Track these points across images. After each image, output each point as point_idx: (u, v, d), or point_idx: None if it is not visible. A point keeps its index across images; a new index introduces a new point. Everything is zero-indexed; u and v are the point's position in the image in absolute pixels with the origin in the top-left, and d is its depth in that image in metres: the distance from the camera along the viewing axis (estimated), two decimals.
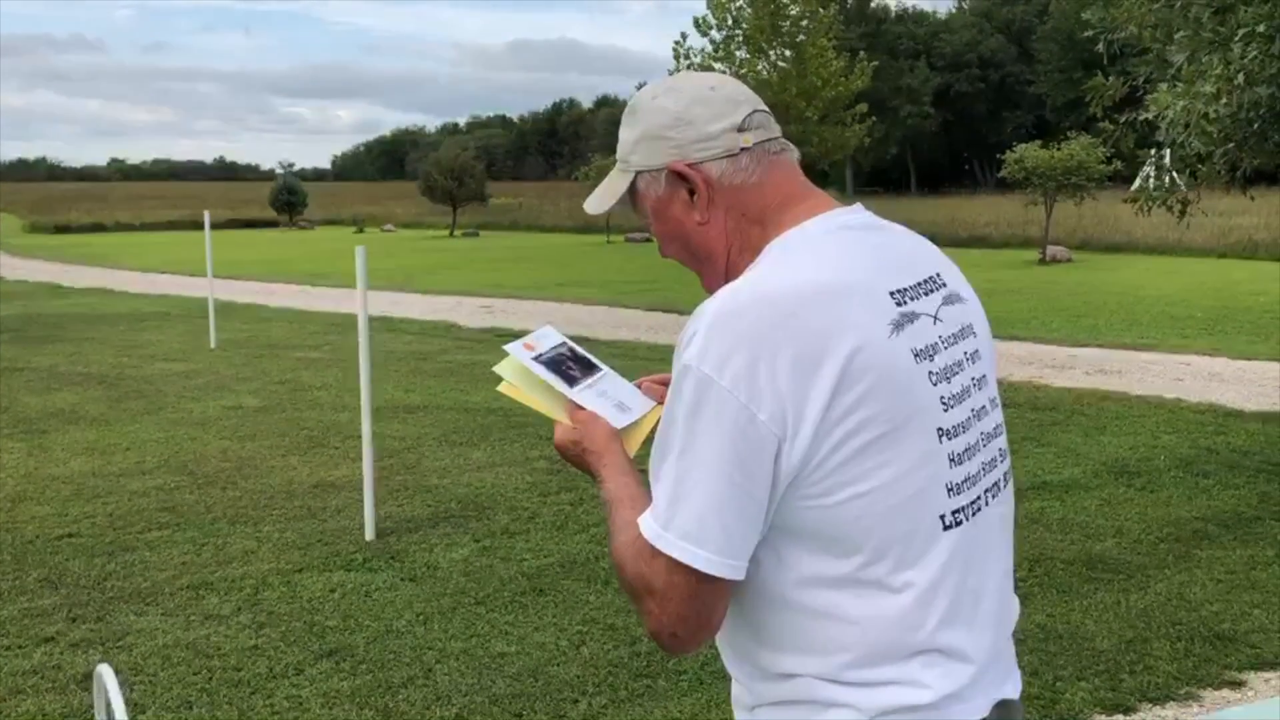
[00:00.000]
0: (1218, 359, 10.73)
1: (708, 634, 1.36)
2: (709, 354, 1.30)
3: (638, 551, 1.35)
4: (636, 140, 1.51)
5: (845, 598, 1.35)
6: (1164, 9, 5.40)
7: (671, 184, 1.48)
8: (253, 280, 21.65)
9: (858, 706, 1.36)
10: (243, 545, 5.50)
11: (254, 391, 9.66)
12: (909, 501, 1.34)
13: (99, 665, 1.42)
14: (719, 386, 1.28)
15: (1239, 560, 5.10)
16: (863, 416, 1.29)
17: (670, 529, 1.31)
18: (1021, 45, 70.99)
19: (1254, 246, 23.23)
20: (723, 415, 1.28)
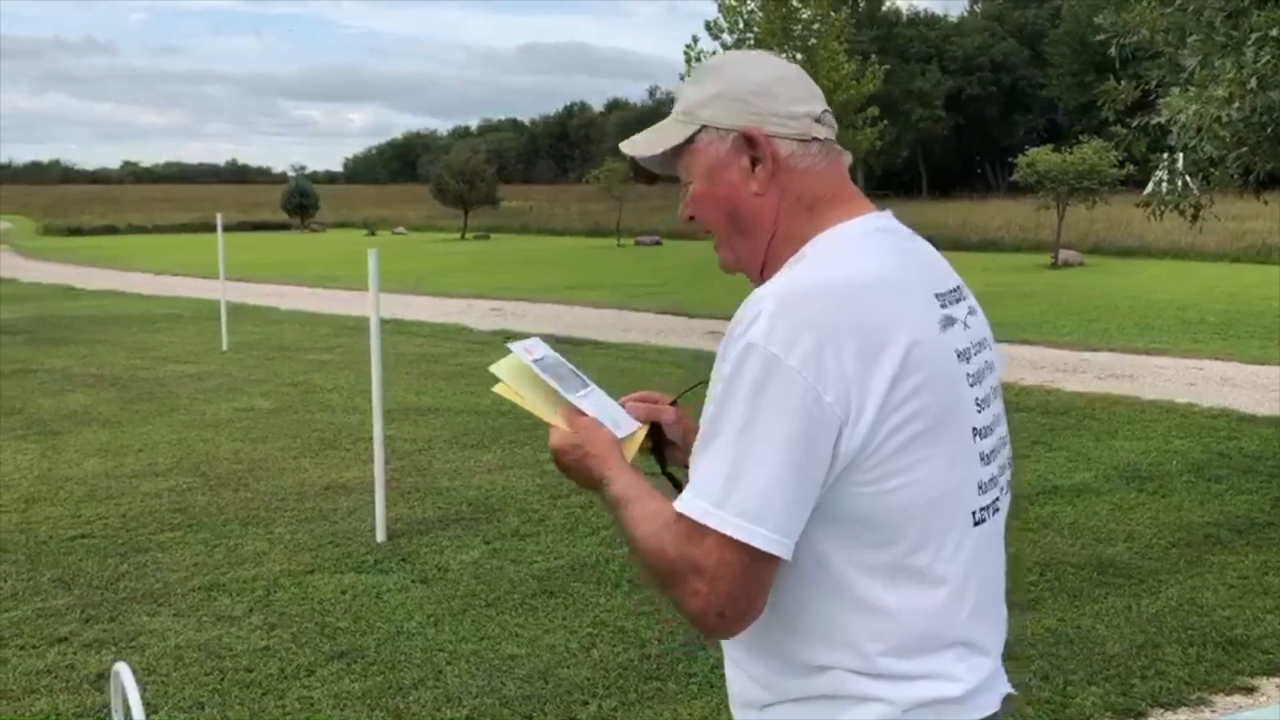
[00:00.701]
0: (1230, 363, 10.69)
1: (754, 615, 1.35)
2: (776, 334, 1.30)
3: (677, 535, 1.34)
4: (711, 97, 1.49)
5: (884, 588, 1.36)
6: (1177, 13, 5.39)
7: (737, 148, 1.47)
8: (265, 283, 21.73)
9: (890, 700, 1.37)
10: (254, 546, 5.52)
11: (266, 393, 9.70)
12: (947, 495, 1.37)
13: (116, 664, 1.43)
14: (787, 366, 1.29)
15: (1251, 565, 5.08)
16: (916, 407, 1.32)
17: (726, 507, 1.30)
18: (1034, 49, 70.80)
19: (1267, 251, 23.14)
20: (790, 394, 1.29)
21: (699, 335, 13.09)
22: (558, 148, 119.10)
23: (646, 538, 1.38)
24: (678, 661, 4.12)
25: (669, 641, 4.29)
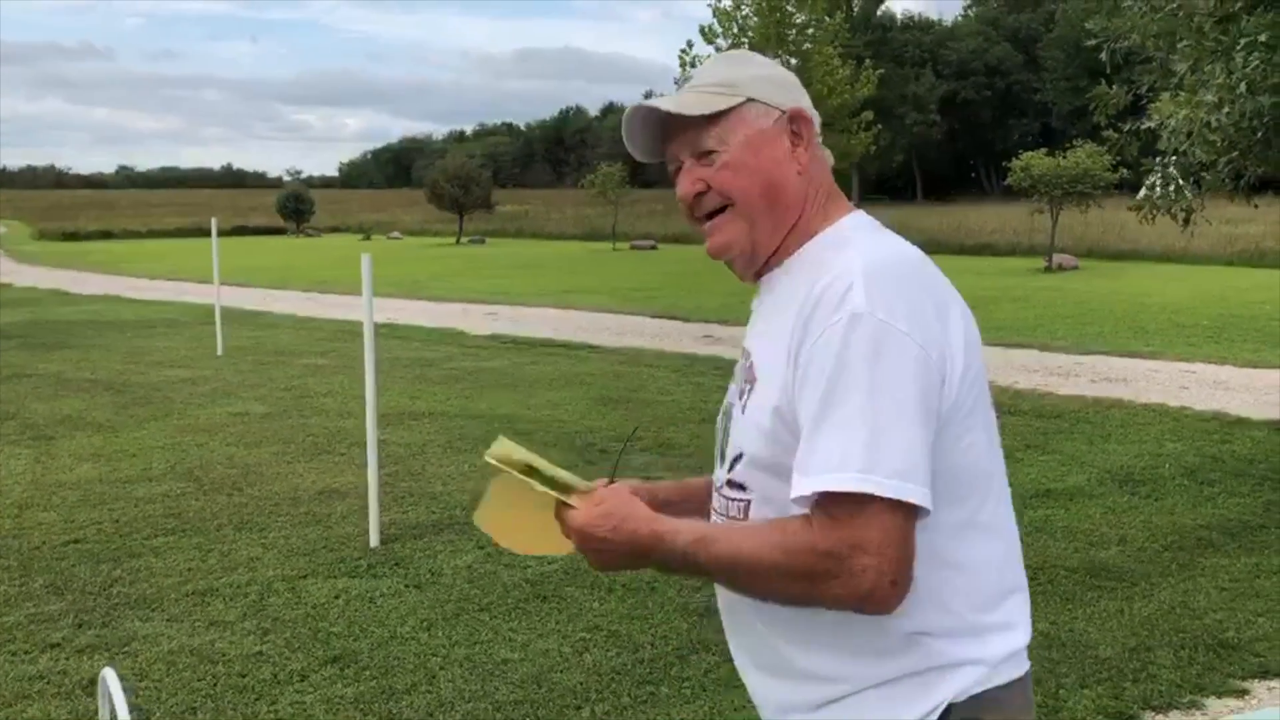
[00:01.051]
0: (1224, 367, 10.72)
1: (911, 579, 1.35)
2: (878, 301, 1.34)
3: (822, 522, 1.32)
4: (754, 77, 1.54)
5: (962, 543, 1.43)
6: (1167, 18, 5.41)
7: (781, 126, 1.52)
8: (260, 287, 21.72)
9: (982, 659, 1.43)
10: (248, 551, 5.51)
11: (260, 398, 9.69)
12: (994, 450, 1.48)
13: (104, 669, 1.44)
14: (896, 330, 1.34)
15: (1243, 569, 5.09)
16: (977, 367, 1.43)
17: (877, 470, 1.30)
18: (1028, 53, 70.99)
19: (1260, 254, 23.22)
20: (905, 356, 1.33)
21: (694, 339, 13.11)
22: (553, 152, 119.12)
23: (770, 553, 1.35)
24: (671, 666, 4.13)
25: (662, 646, 4.29)
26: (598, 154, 67.98)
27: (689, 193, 1.52)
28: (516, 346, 12.97)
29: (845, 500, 1.31)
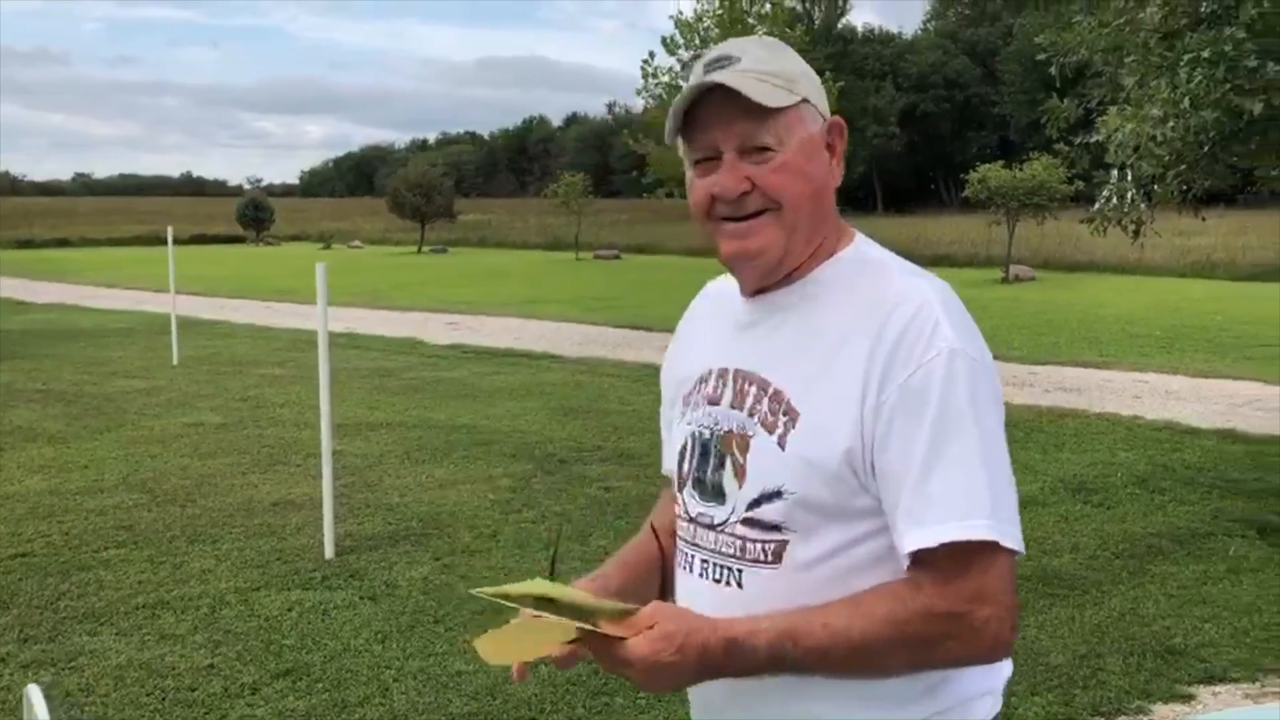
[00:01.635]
0: (1175, 377, 10.88)
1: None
2: (965, 336, 1.32)
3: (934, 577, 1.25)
4: (806, 75, 1.42)
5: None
6: (1115, 34, 5.51)
7: (823, 134, 1.43)
8: (218, 296, 21.49)
9: (995, 689, 1.43)
10: (201, 564, 5.45)
11: (216, 408, 9.59)
12: None
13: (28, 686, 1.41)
14: (984, 365, 1.32)
15: (1191, 575, 5.17)
16: None
17: (1000, 517, 1.26)
18: (986, 66, 71.82)
19: (1212, 266, 23.62)
20: (994, 391, 1.33)
21: (656, 349, 13.12)
22: (517, 161, 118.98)
23: (880, 629, 1.26)
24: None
25: None
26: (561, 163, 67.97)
27: (734, 190, 1.36)
28: (477, 356, 12.93)
29: (967, 550, 1.24)
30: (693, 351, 1.58)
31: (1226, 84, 4.65)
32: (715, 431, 1.44)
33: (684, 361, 1.60)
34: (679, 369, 1.61)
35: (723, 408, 1.45)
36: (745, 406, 1.42)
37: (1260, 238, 26.76)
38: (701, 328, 1.61)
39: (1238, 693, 3.99)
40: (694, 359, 1.56)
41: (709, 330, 1.57)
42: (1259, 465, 7.23)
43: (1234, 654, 4.29)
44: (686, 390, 1.55)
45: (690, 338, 1.63)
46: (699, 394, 1.51)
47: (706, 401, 1.49)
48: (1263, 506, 6.26)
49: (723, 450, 1.43)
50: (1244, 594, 4.92)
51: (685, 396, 1.55)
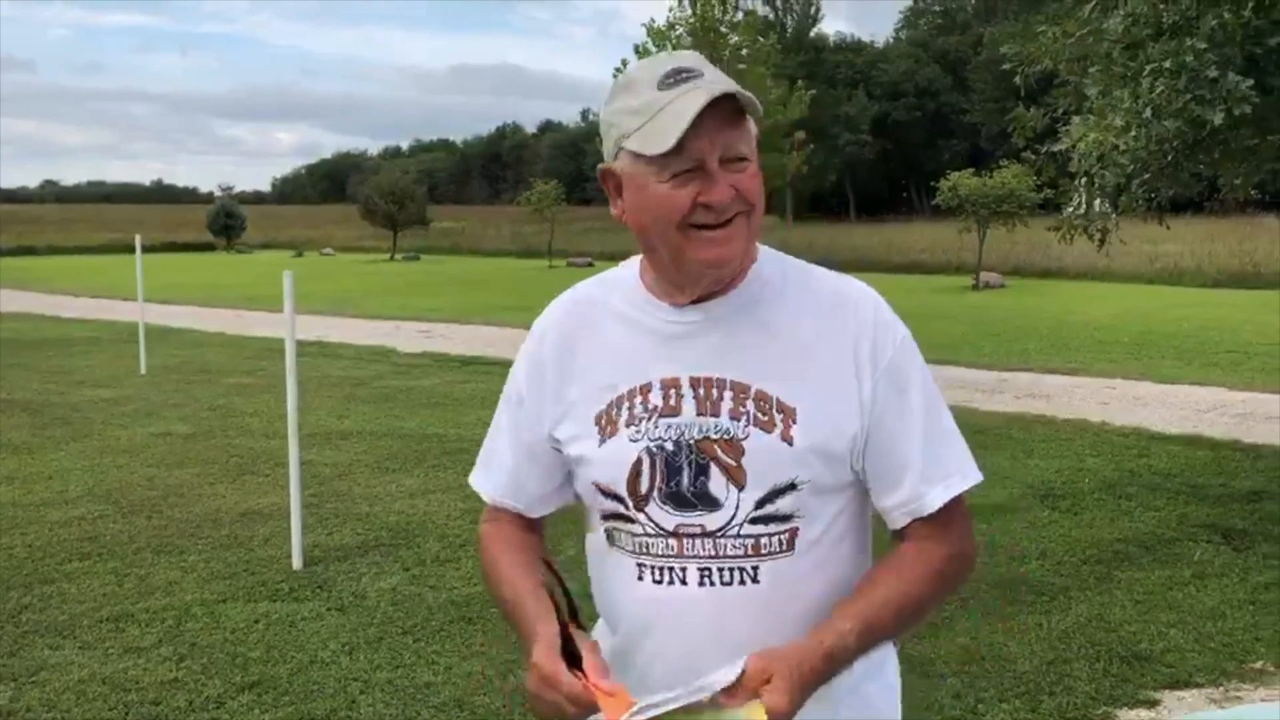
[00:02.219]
0: (1143, 383, 10.98)
1: None
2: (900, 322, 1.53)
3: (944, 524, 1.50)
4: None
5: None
6: (1079, 44, 5.57)
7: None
8: (188, 304, 21.33)
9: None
10: (166, 575, 5.40)
11: (184, 418, 9.51)
12: None
13: None
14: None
15: (1157, 581, 5.21)
16: None
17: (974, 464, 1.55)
18: (957, 75, 72.40)
19: (1180, 273, 23.88)
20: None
21: None
22: (490, 168, 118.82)
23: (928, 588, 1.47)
24: None
25: None
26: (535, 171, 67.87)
27: (727, 199, 1.39)
28: (449, 364, 12.88)
29: (959, 497, 1.49)
30: (603, 365, 1.52)
31: (1188, 94, 4.71)
32: (683, 442, 1.44)
33: (588, 377, 1.52)
34: (578, 385, 1.53)
35: (685, 417, 1.45)
36: (722, 411, 1.43)
37: (1227, 245, 27.10)
38: (609, 339, 1.53)
39: (1202, 697, 4.03)
40: (607, 372, 1.51)
41: (622, 341, 1.52)
42: (1224, 470, 7.30)
43: (1199, 659, 4.32)
44: (603, 408, 1.49)
45: (592, 351, 1.54)
46: (639, 408, 1.47)
47: (658, 414, 1.46)
48: (1227, 511, 6.32)
49: (701, 458, 1.44)
50: (1209, 599, 4.96)
51: (606, 414, 1.49)
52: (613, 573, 1.53)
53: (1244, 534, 5.89)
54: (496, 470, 1.63)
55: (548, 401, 1.55)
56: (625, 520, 1.49)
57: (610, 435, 1.48)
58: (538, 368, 1.58)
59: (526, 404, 1.58)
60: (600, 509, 1.52)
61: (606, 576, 1.55)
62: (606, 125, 1.46)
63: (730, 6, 30.85)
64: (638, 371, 1.49)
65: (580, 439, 1.51)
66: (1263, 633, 4.56)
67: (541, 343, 1.59)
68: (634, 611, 1.51)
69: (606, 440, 1.49)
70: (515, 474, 1.61)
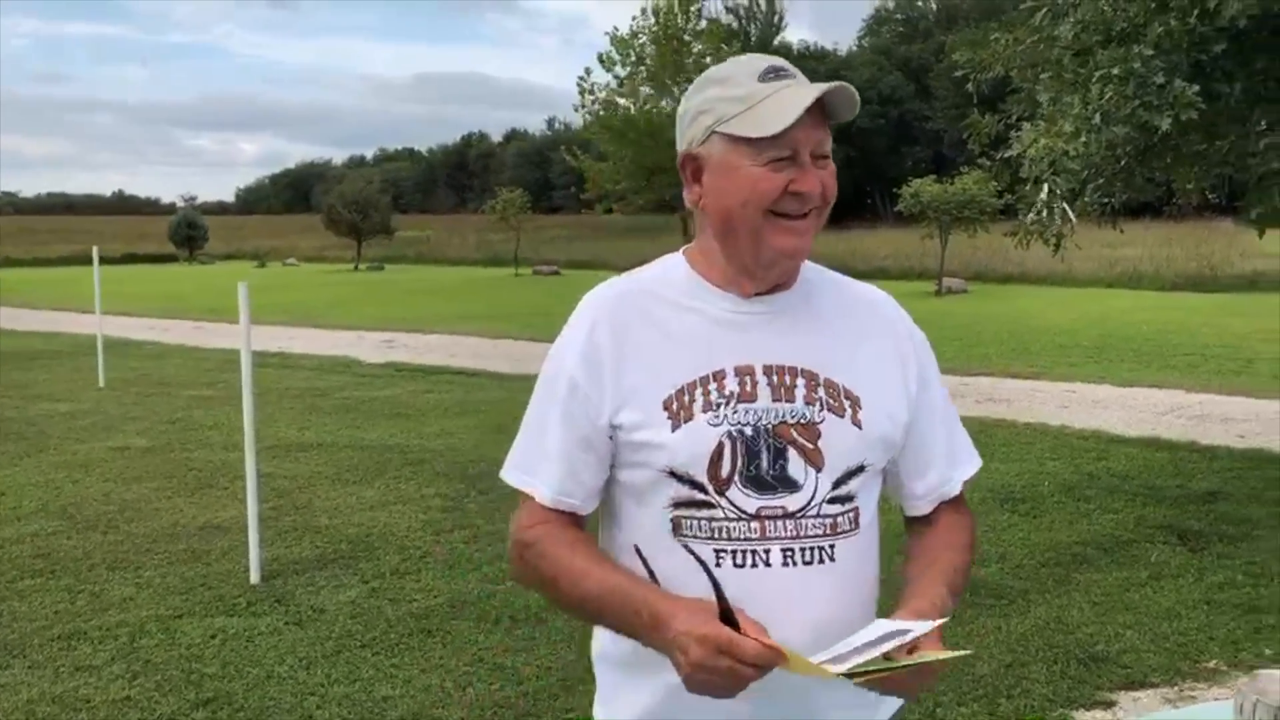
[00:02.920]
0: (1102, 386, 11.09)
1: None
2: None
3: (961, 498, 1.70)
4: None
5: None
6: (1030, 50, 5.64)
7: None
8: (148, 316, 21.09)
9: None
10: (121, 592, 5.32)
11: (142, 431, 9.39)
12: None
13: None
14: None
15: (1115, 582, 5.26)
16: None
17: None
18: (919, 82, 72.97)
19: (1139, 276, 24.17)
20: None
21: None
22: (456, 177, 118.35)
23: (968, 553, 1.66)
24: (555, 697, 4.09)
25: (546, 677, 4.26)
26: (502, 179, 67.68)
27: (817, 190, 1.51)
28: (411, 375, 12.81)
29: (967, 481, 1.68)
30: (667, 352, 1.53)
31: (1136, 100, 4.77)
32: (761, 427, 1.49)
33: (652, 363, 1.52)
34: (639, 372, 1.52)
35: (762, 403, 1.50)
36: (798, 397, 1.51)
37: (1184, 249, 27.45)
38: (671, 327, 1.54)
39: (1157, 697, 4.06)
40: (674, 359, 1.52)
41: (686, 329, 1.54)
42: (1180, 472, 7.38)
43: (1154, 659, 4.36)
44: (672, 394, 1.50)
45: (653, 339, 1.54)
46: (715, 394, 1.50)
47: (736, 400, 1.50)
48: (1183, 513, 6.39)
49: (779, 442, 1.49)
50: (1164, 599, 5.01)
51: (677, 400, 1.50)
52: (681, 562, 1.48)
53: (1199, 535, 5.95)
54: (547, 470, 1.56)
55: (608, 388, 1.53)
56: (702, 506, 1.48)
57: (685, 420, 1.49)
58: (593, 354, 1.55)
59: (582, 391, 1.54)
60: (671, 497, 1.50)
61: (672, 566, 1.48)
62: (696, 113, 1.53)
63: (694, 15, 30.92)
64: (709, 358, 1.52)
65: (647, 425, 1.50)
66: (1216, 632, 4.61)
67: (594, 330, 1.57)
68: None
69: (681, 425, 1.49)
70: (572, 470, 1.55)
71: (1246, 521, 6.17)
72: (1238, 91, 5.09)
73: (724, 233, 1.53)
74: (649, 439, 1.49)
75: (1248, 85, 5.14)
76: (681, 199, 1.62)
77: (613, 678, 1.62)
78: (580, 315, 1.60)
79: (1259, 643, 4.49)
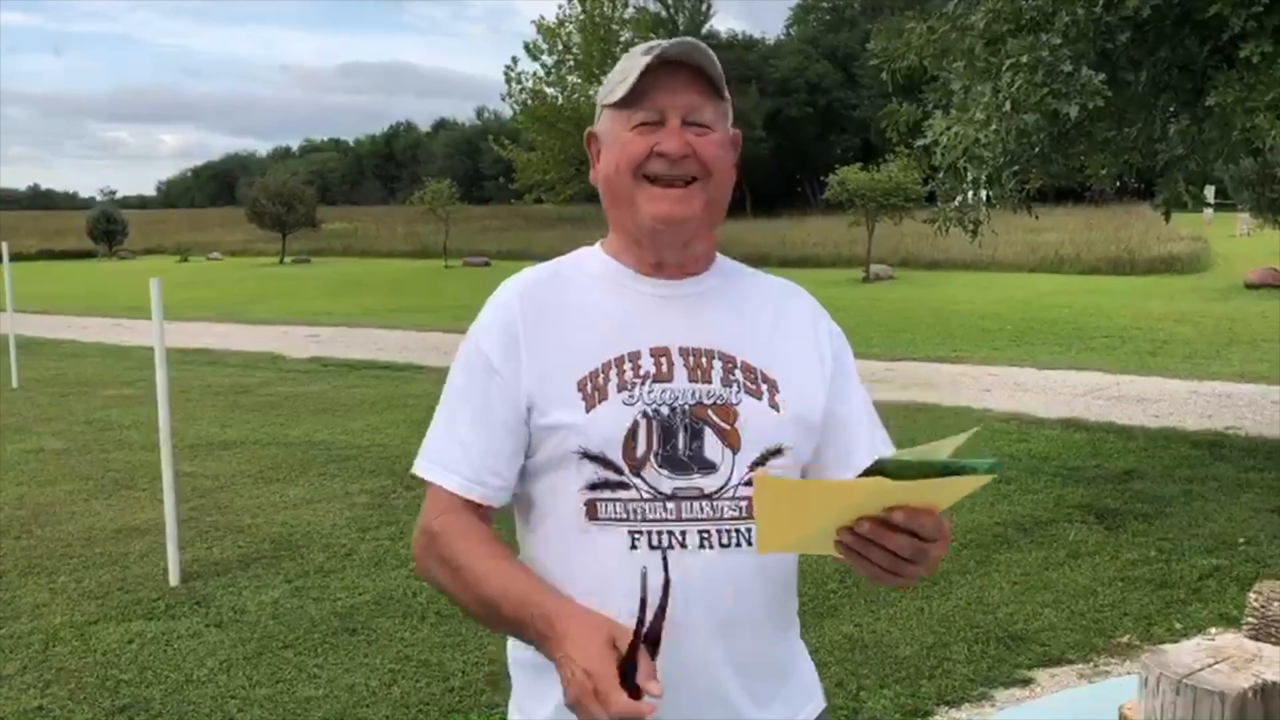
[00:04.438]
0: (1023, 369, 11.31)
1: None
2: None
3: None
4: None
5: None
6: (944, 39, 5.71)
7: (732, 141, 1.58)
8: (65, 314, 20.53)
9: None
10: (33, 598, 5.17)
11: (57, 433, 9.15)
12: None
13: None
14: None
15: (1034, 562, 5.37)
16: None
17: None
18: (846, 71, 73.61)
19: (1060, 261, 24.68)
20: None
21: None
22: (384, 168, 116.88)
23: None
24: (481, 693, 4.06)
25: (473, 673, 4.23)
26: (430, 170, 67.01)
27: (679, 150, 1.47)
28: (338, 369, 12.64)
29: None
30: (583, 332, 1.51)
31: (1045, 88, 4.86)
32: (677, 407, 1.47)
33: (566, 344, 1.50)
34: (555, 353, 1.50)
35: (678, 384, 1.48)
36: (714, 379, 1.49)
37: (1104, 233, 28.13)
38: (587, 308, 1.53)
39: (1073, 673, 4.15)
40: (588, 339, 1.50)
41: (602, 310, 1.53)
42: (1098, 453, 7.56)
43: (1071, 636, 4.46)
44: (586, 375, 1.47)
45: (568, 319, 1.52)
46: (630, 374, 1.47)
47: (651, 380, 1.48)
48: (1100, 492, 6.54)
49: (696, 423, 1.47)
50: (1081, 578, 5.13)
51: (591, 380, 1.47)
52: (594, 548, 1.46)
53: (1115, 513, 6.10)
54: (460, 460, 1.50)
55: (524, 370, 1.49)
56: (617, 488, 1.45)
57: (600, 401, 1.46)
58: (510, 336, 1.51)
59: (502, 374, 1.50)
60: (584, 480, 1.46)
61: (586, 554, 1.46)
62: (598, 96, 1.57)
63: (620, 3, 30.88)
64: (624, 339, 1.50)
65: (561, 406, 1.47)
66: (1130, 608, 4.73)
67: (510, 311, 1.53)
68: (629, 580, 1.41)
69: (595, 406, 1.46)
70: (485, 458, 1.50)
71: (1160, 499, 6.34)
72: (1143, 80, 5.22)
73: (610, 204, 1.55)
74: (562, 420, 1.47)
75: (1153, 74, 5.27)
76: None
77: (526, 680, 1.59)
78: (495, 300, 1.57)
79: (1170, 618, 4.62)
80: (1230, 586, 4.92)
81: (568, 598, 1.40)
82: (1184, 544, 5.53)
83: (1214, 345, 12.52)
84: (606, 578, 1.45)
